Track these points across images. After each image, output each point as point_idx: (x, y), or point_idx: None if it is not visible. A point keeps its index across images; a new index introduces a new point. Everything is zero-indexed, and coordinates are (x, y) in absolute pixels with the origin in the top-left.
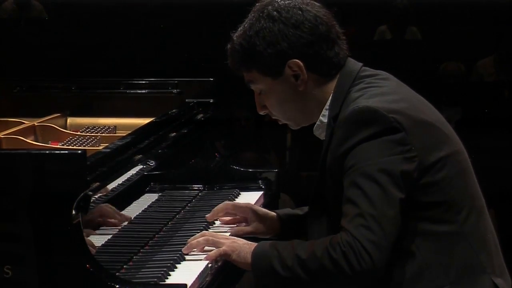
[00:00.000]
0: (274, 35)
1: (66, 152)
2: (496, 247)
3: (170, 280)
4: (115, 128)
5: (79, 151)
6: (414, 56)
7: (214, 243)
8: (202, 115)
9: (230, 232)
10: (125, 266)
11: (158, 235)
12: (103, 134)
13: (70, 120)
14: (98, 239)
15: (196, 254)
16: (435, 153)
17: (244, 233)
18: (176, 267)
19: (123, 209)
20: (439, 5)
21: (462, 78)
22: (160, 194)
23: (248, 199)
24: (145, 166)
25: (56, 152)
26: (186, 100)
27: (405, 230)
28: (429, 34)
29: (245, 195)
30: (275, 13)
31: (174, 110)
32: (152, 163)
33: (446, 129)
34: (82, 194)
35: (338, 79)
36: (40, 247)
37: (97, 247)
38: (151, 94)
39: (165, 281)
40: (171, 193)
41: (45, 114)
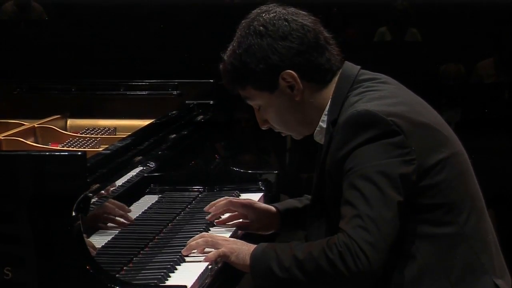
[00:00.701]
0: (264, 50)
1: (66, 153)
2: (496, 248)
3: (170, 281)
4: (115, 129)
5: (79, 153)
6: (414, 57)
7: (213, 245)
8: (202, 117)
9: (230, 228)
10: (125, 268)
11: (158, 237)
12: (103, 136)
13: (70, 121)
14: (98, 241)
15: (196, 255)
16: (435, 155)
17: (247, 226)
18: (176, 269)
19: None
20: (439, 6)
21: (462, 80)
22: (160, 195)
23: None
24: (145, 168)
25: (56, 153)
26: (186, 101)
27: (405, 233)
28: (429, 36)
29: (245, 197)
30: (262, 28)
31: (174, 112)
32: (152, 165)
33: (445, 131)
34: (82, 195)
35: (336, 84)
36: (40, 249)
37: (97, 249)
38: (151, 96)
39: (165, 282)
40: (171, 194)
41: (45, 116)
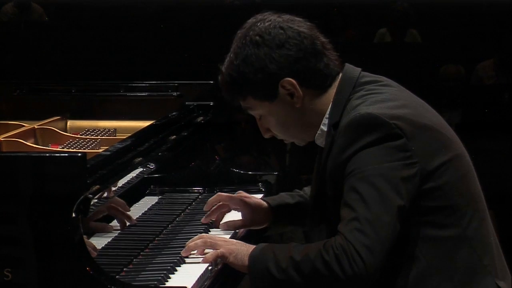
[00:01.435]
0: (261, 60)
1: (66, 155)
2: (498, 250)
3: (170, 283)
4: (115, 131)
5: (79, 154)
6: (414, 59)
7: (212, 245)
8: (202, 118)
9: (223, 227)
10: (125, 269)
11: (158, 238)
12: (103, 137)
13: (70, 123)
14: (98, 242)
15: (196, 257)
16: (438, 158)
17: (236, 226)
18: (176, 270)
19: None
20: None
21: (462, 81)
22: (160, 197)
23: None
24: (145, 169)
25: (56, 155)
26: (186, 103)
27: (408, 235)
28: (429, 37)
29: None
30: (258, 37)
31: (174, 113)
32: (152, 166)
33: (448, 133)
34: (82, 197)
35: (337, 87)
36: (40, 250)
37: (97, 250)
38: (151, 97)
39: (165, 284)
40: (171, 196)
41: (45, 117)
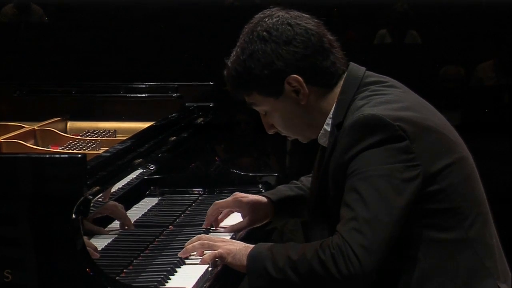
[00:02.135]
0: (268, 56)
1: (66, 156)
2: (500, 252)
3: (170, 284)
4: (115, 132)
5: (79, 155)
6: (414, 60)
7: (210, 247)
8: (202, 119)
9: (228, 231)
10: (125, 270)
11: (158, 239)
12: (103, 138)
13: (70, 124)
14: (98, 243)
15: (196, 258)
16: (441, 160)
17: (239, 228)
18: (176, 271)
19: None
20: (439, 9)
21: (462, 82)
22: (160, 198)
23: None
24: (145, 170)
25: (56, 156)
26: (186, 104)
27: (411, 237)
28: (429, 38)
29: None
30: (265, 33)
31: (174, 114)
32: (152, 167)
33: (452, 135)
34: (82, 198)
35: (341, 86)
36: (40, 251)
37: (97, 251)
38: (151, 98)
39: (165, 285)
40: (171, 197)
41: (45, 118)
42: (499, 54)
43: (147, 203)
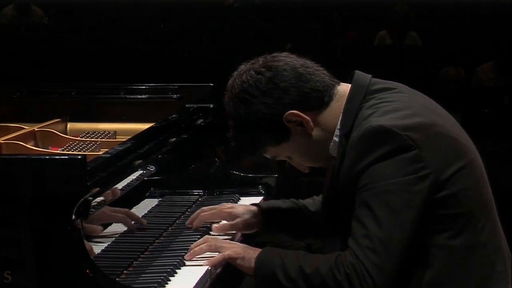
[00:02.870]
0: (259, 112)
1: (66, 157)
2: (509, 255)
3: (170, 285)
4: (115, 133)
5: (79, 156)
6: (414, 61)
7: (217, 249)
8: (202, 120)
9: (216, 230)
10: (125, 272)
11: (158, 241)
12: (103, 139)
13: (70, 125)
14: (98, 245)
15: (196, 259)
16: (451, 166)
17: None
18: (176, 273)
19: None
20: (439, 10)
21: (462, 83)
22: (160, 199)
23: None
24: (145, 171)
25: (56, 157)
26: (186, 105)
27: (422, 243)
28: (429, 39)
29: (245, 200)
30: (243, 94)
31: (174, 115)
32: (152, 168)
33: (461, 137)
34: (82, 199)
35: (348, 95)
36: (40, 253)
37: (97, 252)
38: (151, 99)
39: (165, 286)
40: (171, 198)
41: (45, 119)
42: (499, 55)
43: (147, 204)
